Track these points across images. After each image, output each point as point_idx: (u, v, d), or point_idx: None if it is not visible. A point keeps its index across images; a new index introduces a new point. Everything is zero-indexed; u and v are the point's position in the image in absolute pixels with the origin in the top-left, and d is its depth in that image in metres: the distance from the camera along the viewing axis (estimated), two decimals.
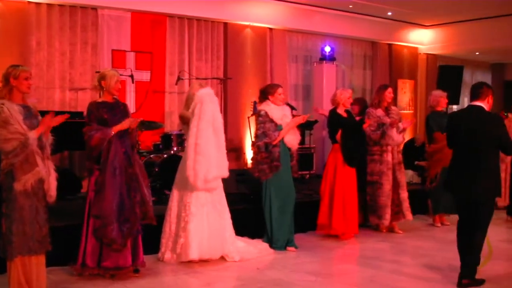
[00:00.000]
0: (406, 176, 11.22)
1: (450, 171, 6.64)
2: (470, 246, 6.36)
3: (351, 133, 8.78)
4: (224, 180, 7.51)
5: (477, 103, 6.60)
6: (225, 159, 7.35)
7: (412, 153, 11.79)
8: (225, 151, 7.38)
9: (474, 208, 6.35)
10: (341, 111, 8.88)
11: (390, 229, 9.39)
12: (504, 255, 8.04)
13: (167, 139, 9.93)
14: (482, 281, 6.41)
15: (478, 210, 6.34)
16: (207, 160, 7.04)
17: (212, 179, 7.11)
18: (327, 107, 9.72)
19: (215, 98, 7.35)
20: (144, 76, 11.36)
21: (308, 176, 11.65)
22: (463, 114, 6.89)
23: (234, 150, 12.42)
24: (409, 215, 9.29)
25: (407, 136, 9.81)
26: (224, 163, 7.32)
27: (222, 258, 7.37)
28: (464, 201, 6.47)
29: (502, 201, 10.43)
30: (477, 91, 6.63)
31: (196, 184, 7.04)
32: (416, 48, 16.73)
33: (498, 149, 6.38)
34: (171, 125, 11.51)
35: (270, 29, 13.26)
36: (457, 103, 16.43)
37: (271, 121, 7.84)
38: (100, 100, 6.63)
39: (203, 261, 7.20)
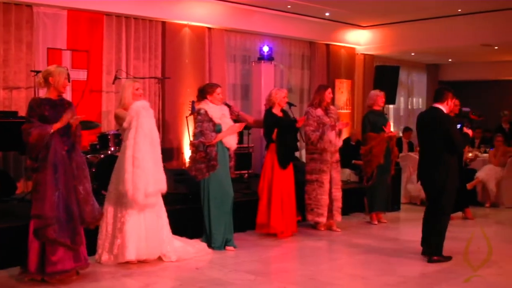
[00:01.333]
0: (344, 175, 11.39)
1: (418, 165, 7.67)
2: (434, 229, 7.43)
3: (287, 133, 8.82)
4: None
5: (437, 105, 7.41)
6: (163, 173, 7.26)
7: (348, 151, 11.91)
8: (161, 165, 7.29)
9: (435, 196, 7.41)
10: (276, 110, 8.92)
11: (328, 227, 9.47)
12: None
13: (104, 139, 9.78)
14: (449, 258, 7.45)
15: (438, 198, 7.36)
16: (145, 174, 6.96)
17: (151, 193, 7.03)
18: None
19: (150, 111, 7.26)
20: (81, 75, 11.17)
21: (246, 175, 11.64)
22: (424, 114, 7.68)
23: (172, 149, 12.36)
24: (337, 216, 9.39)
25: (343, 135, 9.94)
26: (162, 177, 7.22)
27: (160, 258, 7.31)
28: (426, 191, 7.67)
29: None
30: (437, 94, 7.47)
31: (136, 199, 6.93)
32: (353, 49, 16.92)
33: (448, 146, 7.20)
34: (108, 125, 11.37)
35: (209, 28, 13.21)
36: (393, 102, 16.71)
37: (210, 120, 7.81)
38: (43, 96, 6.48)
39: (140, 262, 7.13)
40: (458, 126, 7.68)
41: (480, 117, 10.08)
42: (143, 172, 6.93)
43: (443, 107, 7.34)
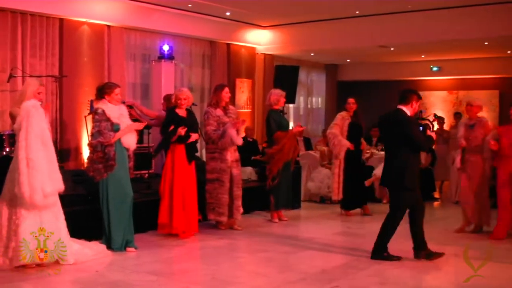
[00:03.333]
0: (245, 173, 11.44)
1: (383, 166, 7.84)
2: (411, 228, 7.62)
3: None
4: None
5: (401, 106, 7.55)
6: (58, 172, 7.11)
7: (247, 149, 11.96)
8: (57, 164, 7.14)
9: (393, 195, 7.71)
10: (180, 111, 8.89)
11: (230, 226, 9.49)
12: (339, 247, 8.33)
13: None
14: (441, 254, 7.55)
15: (395, 197, 7.63)
16: (41, 175, 6.79)
17: (50, 193, 6.86)
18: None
19: (41, 110, 7.08)
20: None
21: (147, 175, 11.52)
22: (387, 115, 7.74)
23: (70, 150, 12.10)
24: (237, 214, 9.44)
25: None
26: (58, 176, 7.07)
27: (57, 261, 7.12)
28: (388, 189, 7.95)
29: (335, 195, 10.82)
30: (402, 96, 7.60)
31: (35, 201, 6.75)
32: (253, 48, 17.02)
33: (410, 146, 7.36)
34: (3, 125, 10.99)
35: (108, 26, 12.99)
36: (293, 102, 16.91)
37: (108, 120, 7.69)
38: None
39: (37, 265, 6.93)
40: (420, 128, 7.77)
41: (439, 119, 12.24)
42: (38, 172, 6.76)
43: (407, 109, 7.49)
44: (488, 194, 9.45)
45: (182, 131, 8.64)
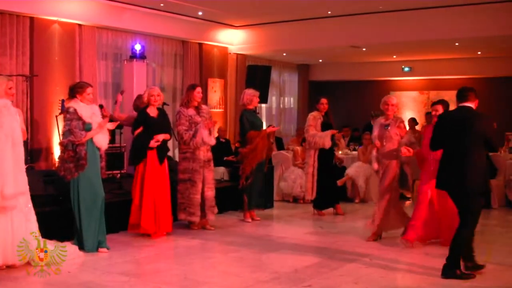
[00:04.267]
0: (218, 173, 11.43)
1: (440, 169, 6.89)
2: (455, 239, 6.65)
3: (150, 133, 8.76)
4: (30, 182, 7.20)
5: (466, 104, 6.78)
6: (24, 174, 7.04)
7: (219, 149, 11.96)
8: (23, 166, 7.08)
9: (468, 201, 6.64)
10: (151, 110, 8.86)
11: (202, 226, 9.48)
12: (311, 247, 8.36)
13: None
14: (472, 275, 6.71)
15: (472, 202, 6.63)
16: (3, 176, 6.71)
17: (10, 196, 6.78)
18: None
19: (13, 109, 7.01)
20: None
21: (119, 175, 11.47)
22: (455, 114, 6.93)
23: (41, 150, 12.00)
24: (210, 215, 9.43)
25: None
26: (22, 178, 7.00)
27: (28, 263, 7.04)
28: (455, 196, 6.80)
29: (309, 195, 10.85)
30: (464, 95, 6.83)
31: None
32: (226, 48, 17.02)
33: (487, 145, 6.70)
34: None
35: (79, 25, 12.90)
36: (265, 102, 16.92)
37: (79, 119, 7.64)
38: None
39: (8, 267, 6.87)
40: None
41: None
42: (1, 174, 6.68)
43: (474, 107, 6.81)
44: (396, 199, 8.86)
45: (154, 144, 8.65)
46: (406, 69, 19.55)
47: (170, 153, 10.40)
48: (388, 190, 8.71)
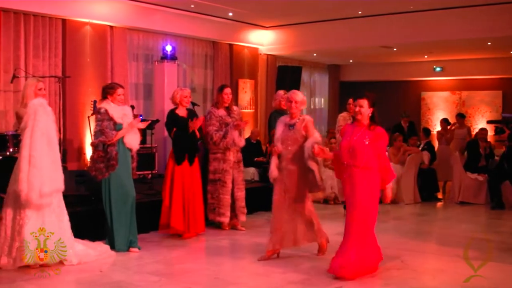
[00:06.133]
0: (247, 174, 11.43)
1: None
2: None
3: (183, 132, 8.79)
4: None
5: None
6: (60, 172, 7.12)
7: (250, 150, 11.97)
8: (60, 164, 7.17)
9: None
10: (180, 111, 8.89)
11: (233, 227, 9.48)
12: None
13: (1, 139, 9.49)
14: None
15: None
16: (41, 174, 6.79)
17: (47, 193, 6.86)
18: (168, 107, 9.70)
19: (48, 109, 7.09)
20: None
21: (150, 176, 11.54)
22: None
23: (73, 150, 12.11)
24: (240, 216, 9.43)
25: (245, 135, 10.05)
26: (59, 176, 7.08)
27: (61, 262, 7.13)
28: None
29: (341, 196, 10.80)
30: None
31: (30, 199, 6.75)
32: (256, 49, 17.02)
33: None
34: (6, 125, 11.02)
35: (111, 26, 13.02)
36: None
37: (110, 119, 7.69)
38: None
39: (41, 266, 6.94)
40: None
41: None
42: (39, 171, 6.76)
43: None
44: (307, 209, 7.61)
45: (193, 124, 8.68)
46: (438, 69, 19.42)
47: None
48: (297, 200, 7.49)
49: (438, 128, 17.00)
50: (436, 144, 15.39)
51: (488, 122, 17.01)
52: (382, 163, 6.72)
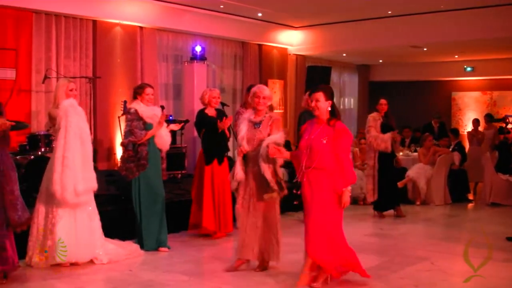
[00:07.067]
0: None
1: None
2: None
3: (212, 132, 8.79)
4: None
5: None
6: (92, 171, 7.22)
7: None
8: (92, 163, 7.26)
9: None
10: (209, 111, 8.90)
11: None
12: (370, 249, 8.28)
13: (33, 139, 9.62)
14: None
15: None
16: (74, 173, 6.89)
17: (82, 192, 6.94)
18: (198, 107, 9.72)
19: (79, 109, 7.17)
20: (9, 74, 10.87)
21: (180, 175, 11.59)
22: None
23: (104, 150, 12.20)
24: None
25: None
26: (91, 175, 7.18)
27: (91, 261, 7.20)
28: None
29: (370, 197, 10.75)
30: None
31: (65, 198, 6.84)
32: (285, 49, 17.01)
33: None
34: (38, 125, 11.12)
35: (141, 27, 13.09)
36: None
37: (140, 119, 7.74)
38: None
39: (72, 264, 7.02)
40: None
41: None
42: (72, 171, 6.85)
43: None
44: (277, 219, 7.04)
45: (222, 125, 8.68)
46: (468, 69, 19.25)
47: (230, 153, 10.43)
48: (262, 206, 6.92)
49: (469, 128, 16.86)
50: (466, 144, 15.27)
51: None
52: (340, 163, 5.99)
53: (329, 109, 6.15)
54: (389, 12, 14.62)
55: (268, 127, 6.86)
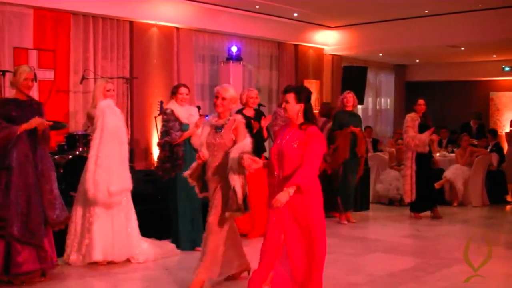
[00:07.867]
0: None
1: None
2: None
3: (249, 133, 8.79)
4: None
5: None
6: (128, 171, 7.29)
7: None
8: (127, 163, 7.33)
9: None
10: (247, 111, 8.91)
11: None
12: (407, 250, 8.24)
13: (71, 139, 9.72)
14: None
15: None
16: (107, 173, 6.97)
17: (115, 192, 7.01)
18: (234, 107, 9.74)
19: (116, 109, 7.25)
20: (47, 74, 11.03)
21: None
22: None
23: (140, 150, 12.29)
24: None
25: None
26: (126, 175, 7.25)
27: (128, 259, 7.27)
28: None
29: (408, 198, 10.68)
30: None
31: (97, 198, 6.93)
32: (321, 49, 16.96)
33: None
34: (76, 125, 11.25)
35: (177, 28, 13.16)
36: (361, 103, 16.77)
37: (176, 119, 7.78)
38: (11, 96, 6.43)
39: (109, 263, 7.09)
40: None
41: None
42: (105, 171, 6.93)
43: None
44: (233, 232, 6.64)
45: (255, 125, 8.67)
46: (507, 68, 18.98)
47: (266, 154, 10.43)
48: (222, 221, 6.29)
49: (507, 129, 16.66)
50: (505, 145, 15.09)
51: None
52: (303, 163, 5.25)
53: (300, 113, 5.39)
54: (426, 12, 14.50)
55: (231, 132, 6.09)
